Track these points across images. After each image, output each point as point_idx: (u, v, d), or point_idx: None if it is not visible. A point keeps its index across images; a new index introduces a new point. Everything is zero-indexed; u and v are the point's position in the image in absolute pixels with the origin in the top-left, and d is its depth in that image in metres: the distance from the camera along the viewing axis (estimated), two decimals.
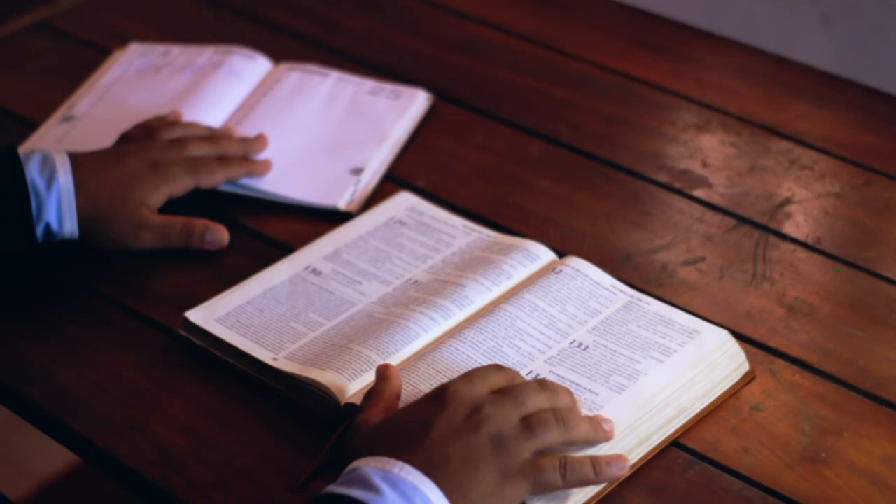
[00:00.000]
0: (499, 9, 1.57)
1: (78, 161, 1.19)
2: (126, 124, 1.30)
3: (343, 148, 1.34)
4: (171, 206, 1.23)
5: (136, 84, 1.42)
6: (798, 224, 1.25)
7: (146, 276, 1.20)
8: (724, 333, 1.10)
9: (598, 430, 0.99)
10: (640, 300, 1.13)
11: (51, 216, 1.17)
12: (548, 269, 1.15)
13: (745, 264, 1.20)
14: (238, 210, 1.27)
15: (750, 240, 1.23)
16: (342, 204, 1.27)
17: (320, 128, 1.37)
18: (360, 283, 1.17)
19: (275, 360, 1.08)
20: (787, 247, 1.23)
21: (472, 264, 1.16)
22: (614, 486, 1.00)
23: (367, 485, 0.91)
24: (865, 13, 2.22)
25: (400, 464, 0.92)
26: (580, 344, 1.09)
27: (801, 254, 1.22)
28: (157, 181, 1.21)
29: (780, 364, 1.10)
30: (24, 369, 1.12)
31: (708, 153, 1.34)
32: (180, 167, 1.23)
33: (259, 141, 1.31)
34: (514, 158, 1.35)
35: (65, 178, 1.17)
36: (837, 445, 1.03)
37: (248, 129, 1.35)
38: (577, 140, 1.36)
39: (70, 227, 1.18)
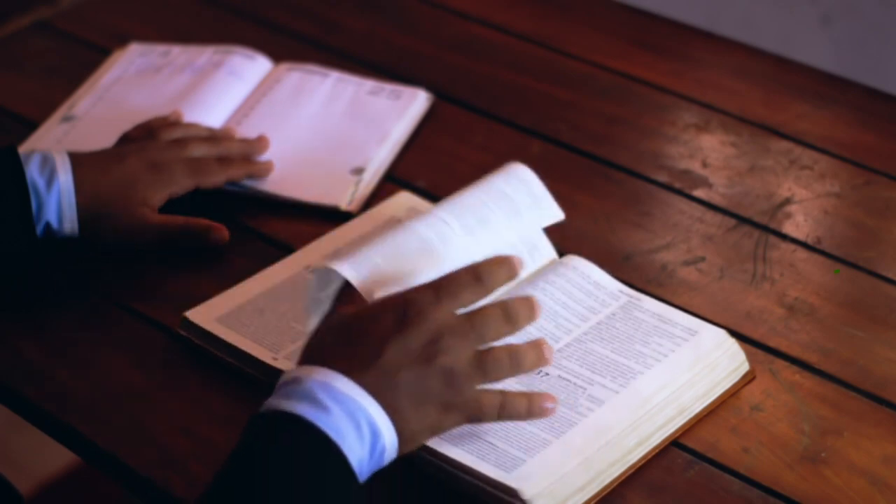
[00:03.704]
0: (499, 9, 1.57)
1: (78, 161, 1.19)
2: (126, 124, 1.30)
3: (343, 148, 1.34)
4: (171, 206, 1.23)
5: (136, 84, 1.42)
6: (798, 224, 1.25)
7: (146, 275, 1.20)
8: (724, 333, 1.10)
9: (542, 359, 0.99)
10: (640, 300, 1.13)
11: (51, 215, 1.17)
12: (547, 268, 1.15)
13: (745, 264, 1.20)
14: (238, 209, 1.27)
15: (750, 240, 1.23)
16: (343, 204, 1.27)
17: (320, 128, 1.37)
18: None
19: (275, 359, 1.08)
20: (787, 247, 1.23)
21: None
22: (614, 485, 1.00)
23: (312, 400, 0.91)
24: (865, 13, 2.22)
25: (343, 378, 0.92)
26: (579, 343, 1.09)
27: (801, 254, 1.22)
28: (157, 181, 1.21)
29: (780, 364, 1.10)
30: (24, 369, 1.12)
31: (708, 153, 1.34)
32: (181, 168, 1.23)
33: (260, 142, 1.31)
34: (514, 158, 1.34)
35: (65, 177, 1.17)
36: (837, 445, 1.03)
37: (248, 129, 1.35)
38: (577, 140, 1.36)
39: (70, 226, 1.18)
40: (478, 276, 0.98)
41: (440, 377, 0.95)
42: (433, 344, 0.95)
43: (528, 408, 0.98)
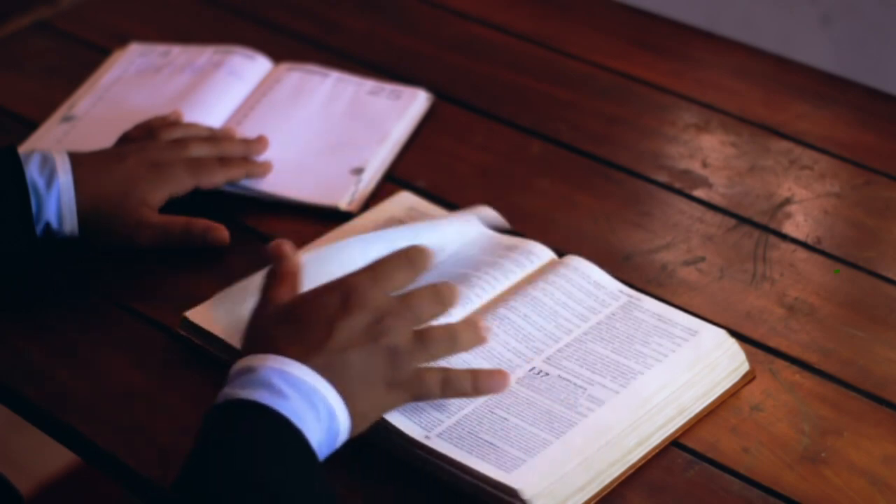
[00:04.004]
0: (499, 9, 1.57)
1: (78, 161, 1.19)
2: (126, 124, 1.30)
3: (343, 148, 1.34)
4: (171, 206, 1.23)
5: (136, 84, 1.42)
6: (798, 224, 1.25)
7: (146, 275, 1.20)
8: (724, 333, 1.10)
9: (479, 337, 1.02)
10: (640, 300, 1.13)
11: (50, 216, 1.17)
12: (547, 269, 1.15)
13: (745, 264, 1.21)
14: (238, 210, 1.27)
15: (750, 240, 1.23)
16: (343, 204, 1.27)
17: (320, 128, 1.37)
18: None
19: None
20: (787, 247, 1.23)
21: (472, 263, 1.16)
22: (614, 485, 1.00)
23: (269, 387, 0.93)
24: (865, 13, 2.22)
25: (297, 364, 0.94)
26: (579, 343, 1.09)
27: (801, 254, 1.22)
28: (157, 181, 1.21)
29: (780, 364, 1.11)
30: (24, 369, 1.12)
31: (708, 153, 1.34)
32: (181, 167, 1.23)
33: (260, 142, 1.31)
34: (514, 158, 1.35)
35: (65, 177, 1.17)
36: (837, 445, 1.03)
37: (248, 129, 1.35)
38: (577, 140, 1.36)
39: (70, 226, 1.18)
40: (409, 259, 1.02)
41: (385, 356, 0.98)
42: (376, 324, 0.98)
43: (474, 384, 1.01)
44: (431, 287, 1.02)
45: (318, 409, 0.94)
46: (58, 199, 1.17)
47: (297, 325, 0.98)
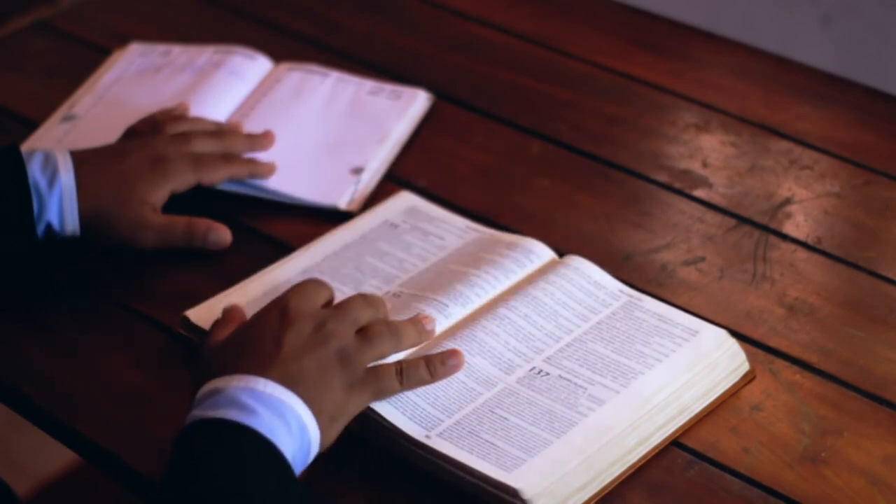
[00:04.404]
0: (499, 9, 1.57)
1: (80, 159, 1.19)
2: (126, 124, 1.30)
3: (343, 148, 1.34)
4: (170, 206, 1.23)
5: (136, 84, 1.42)
6: (798, 224, 1.25)
7: (146, 275, 1.20)
8: (724, 333, 1.10)
9: (423, 332, 1.06)
10: (641, 300, 1.13)
11: (52, 216, 1.16)
12: (548, 268, 1.15)
13: (746, 264, 1.21)
14: (238, 209, 1.27)
15: (750, 240, 1.23)
16: (342, 204, 1.27)
17: (321, 127, 1.37)
18: (361, 282, 1.17)
19: None
20: (787, 247, 1.23)
21: (473, 263, 1.16)
22: (614, 485, 1.00)
23: (238, 405, 0.93)
24: (865, 13, 2.22)
25: (262, 380, 0.95)
26: (580, 343, 1.09)
27: (802, 254, 1.22)
28: (158, 177, 1.21)
29: (780, 364, 1.11)
30: (25, 369, 1.12)
31: (708, 153, 1.35)
32: (182, 162, 1.23)
33: (265, 138, 1.31)
34: (514, 158, 1.35)
35: (67, 177, 1.17)
36: (837, 445, 1.03)
37: (248, 129, 1.35)
38: (578, 140, 1.36)
39: (72, 226, 1.17)
40: (319, 281, 1.06)
41: (336, 358, 0.99)
42: (321, 328, 1.00)
43: (429, 370, 1.03)
44: (359, 294, 1.05)
45: (289, 423, 0.94)
46: (59, 200, 1.17)
47: (246, 346, 0.99)
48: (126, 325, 1.16)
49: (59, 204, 1.17)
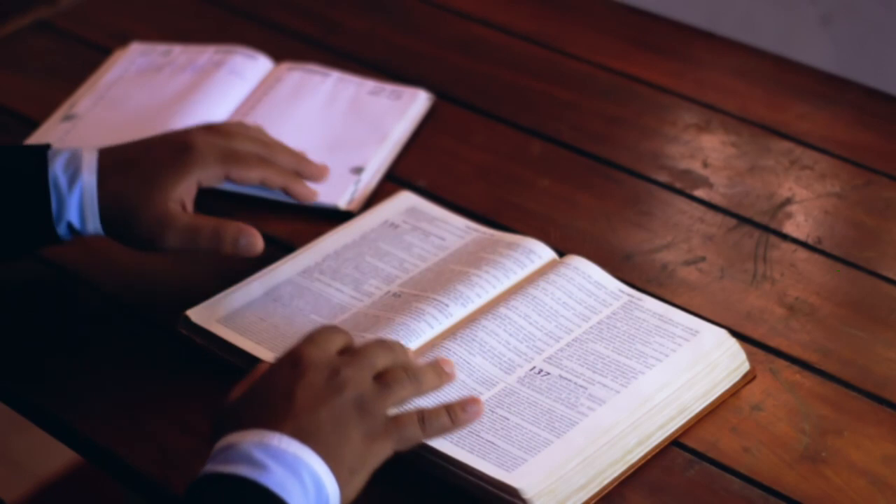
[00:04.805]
0: (499, 9, 1.57)
1: (106, 156, 1.15)
2: (127, 124, 1.30)
3: (343, 147, 1.34)
4: None
5: (137, 83, 1.42)
6: (798, 224, 1.25)
7: (147, 274, 1.20)
8: (724, 333, 1.10)
9: (443, 376, 1.01)
10: (641, 300, 1.13)
11: (72, 215, 1.13)
12: (548, 268, 1.15)
13: (746, 264, 1.21)
14: (238, 209, 1.27)
15: (750, 240, 1.23)
16: (342, 203, 1.27)
17: (321, 127, 1.37)
18: (361, 282, 1.17)
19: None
20: (787, 247, 1.23)
21: (473, 263, 1.16)
22: (615, 485, 1.00)
23: (250, 461, 0.90)
24: (865, 13, 2.22)
25: (277, 435, 0.91)
26: (580, 343, 1.09)
27: (802, 254, 1.22)
28: (183, 165, 1.14)
29: (780, 364, 1.11)
30: (25, 369, 1.12)
31: (708, 153, 1.35)
32: (212, 153, 1.16)
33: (318, 169, 1.25)
34: (515, 158, 1.35)
35: (88, 176, 1.13)
36: (838, 445, 1.04)
37: None
38: (578, 140, 1.36)
39: (93, 225, 1.14)
40: (335, 327, 1.01)
41: (353, 407, 0.95)
42: (335, 377, 0.95)
43: (451, 418, 0.99)
44: (377, 339, 1.01)
45: (302, 479, 0.90)
46: (80, 199, 1.13)
47: (259, 401, 0.95)
48: (126, 325, 1.16)
49: (80, 203, 1.13)
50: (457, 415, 0.99)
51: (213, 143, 1.16)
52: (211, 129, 1.19)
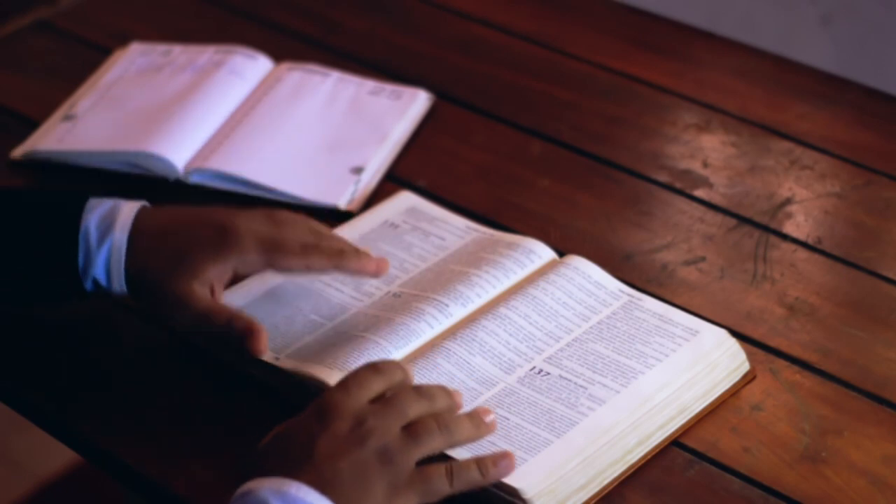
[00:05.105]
0: (499, 9, 1.57)
1: (144, 218, 1.10)
2: (127, 124, 1.30)
3: (343, 147, 1.34)
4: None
5: (137, 83, 1.42)
6: (798, 224, 1.25)
7: None
8: (724, 333, 1.10)
9: (481, 427, 0.99)
10: (641, 300, 1.13)
11: (98, 272, 1.09)
12: (548, 268, 1.15)
13: (746, 264, 1.21)
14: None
15: (750, 240, 1.23)
16: (342, 203, 1.27)
17: (321, 127, 1.37)
18: (361, 282, 1.16)
19: (277, 359, 1.08)
20: (787, 247, 1.23)
21: (473, 263, 1.16)
22: (614, 485, 1.00)
23: None
24: (865, 13, 2.22)
25: (296, 484, 0.90)
26: (580, 343, 1.09)
27: (802, 254, 1.22)
28: (220, 249, 1.08)
29: (780, 364, 1.11)
30: (25, 368, 1.12)
31: (708, 153, 1.35)
32: (253, 240, 1.09)
33: (376, 263, 1.14)
34: (515, 158, 1.35)
35: (120, 235, 1.08)
36: (838, 445, 1.04)
37: (248, 128, 1.35)
38: (578, 140, 1.36)
39: (118, 286, 1.09)
40: (377, 369, 0.98)
41: (376, 458, 0.93)
42: (359, 427, 0.94)
43: (480, 470, 0.97)
44: (414, 386, 0.99)
45: None
46: (107, 258, 1.08)
47: (282, 448, 0.94)
48: (126, 325, 1.16)
49: (106, 262, 1.08)
50: (488, 469, 0.97)
51: (255, 231, 1.10)
52: (257, 215, 1.12)
